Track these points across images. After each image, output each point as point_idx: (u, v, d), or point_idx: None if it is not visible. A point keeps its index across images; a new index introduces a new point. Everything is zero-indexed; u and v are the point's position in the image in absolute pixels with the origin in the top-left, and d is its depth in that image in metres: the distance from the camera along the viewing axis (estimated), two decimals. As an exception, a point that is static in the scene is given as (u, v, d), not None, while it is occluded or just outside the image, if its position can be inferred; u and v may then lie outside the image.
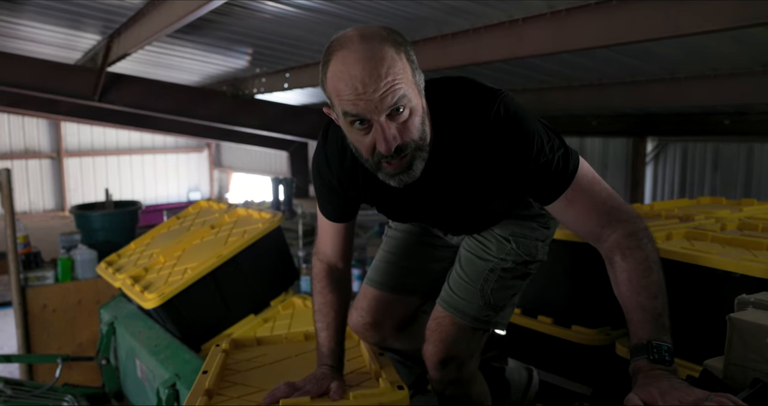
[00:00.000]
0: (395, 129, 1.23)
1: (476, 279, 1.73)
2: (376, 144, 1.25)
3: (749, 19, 3.13)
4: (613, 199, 1.38)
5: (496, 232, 1.73)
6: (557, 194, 1.37)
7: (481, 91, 1.37)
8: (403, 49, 1.24)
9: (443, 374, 1.78)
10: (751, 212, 2.83)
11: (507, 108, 1.33)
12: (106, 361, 3.33)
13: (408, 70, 1.24)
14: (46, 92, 7.54)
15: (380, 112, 1.21)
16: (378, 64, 1.19)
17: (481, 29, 4.52)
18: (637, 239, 1.33)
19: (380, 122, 1.22)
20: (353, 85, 1.20)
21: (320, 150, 1.53)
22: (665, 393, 1.13)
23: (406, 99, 1.22)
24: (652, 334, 1.23)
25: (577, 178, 1.36)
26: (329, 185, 1.55)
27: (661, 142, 7.90)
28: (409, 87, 1.23)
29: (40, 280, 5.23)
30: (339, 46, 1.23)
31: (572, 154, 1.38)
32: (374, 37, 1.22)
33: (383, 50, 1.20)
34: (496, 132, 1.33)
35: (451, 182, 1.45)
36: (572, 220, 1.40)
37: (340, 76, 1.21)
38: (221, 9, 4.68)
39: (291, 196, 8.55)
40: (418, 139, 1.27)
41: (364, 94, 1.19)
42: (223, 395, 1.60)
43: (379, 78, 1.19)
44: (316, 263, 1.70)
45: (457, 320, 1.74)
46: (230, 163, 16.70)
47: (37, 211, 14.71)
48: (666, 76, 5.67)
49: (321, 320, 1.64)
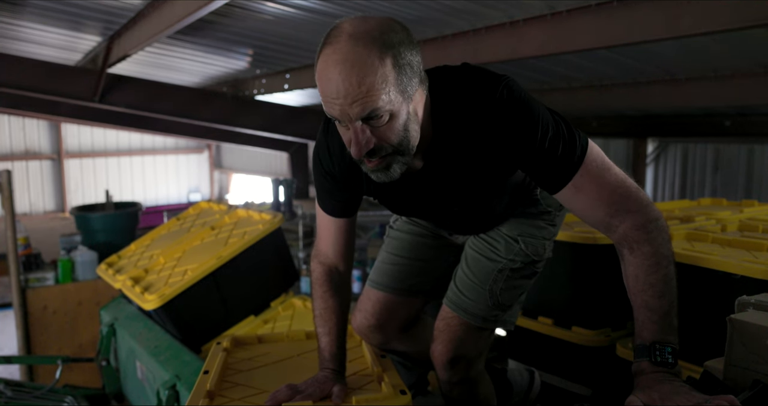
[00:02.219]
0: (369, 132, 1.21)
1: (485, 280, 1.72)
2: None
3: (749, 21, 3.13)
4: (624, 186, 1.32)
5: (503, 232, 1.72)
6: (565, 181, 1.31)
7: (484, 75, 1.33)
8: (391, 52, 1.17)
9: (452, 373, 1.77)
10: (752, 214, 2.83)
11: (511, 91, 1.29)
12: (107, 362, 3.33)
13: (391, 76, 1.18)
14: (46, 94, 7.55)
15: (352, 120, 1.19)
16: (357, 71, 1.15)
17: (482, 30, 4.52)
18: (646, 231, 1.28)
19: (354, 126, 1.20)
20: (330, 88, 1.18)
21: (322, 141, 1.50)
22: (666, 397, 1.12)
23: (380, 110, 1.18)
24: (656, 335, 1.22)
25: (585, 164, 1.30)
26: (331, 176, 1.51)
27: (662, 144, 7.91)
28: (390, 94, 1.18)
29: (40, 281, 5.23)
30: (329, 41, 1.19)
31: (580, 139, 1.32)
32: (363, 37, 1.16)
33: (366, 55, 1.15)
34: (500, 116, 1.29)
35: (455, 172, 1.42)
36: (581, 208, 1.35)
37: (321, 75, 1.19)
38: (221, 10, 4.69)
39: (291, 198, 8.55)
40: (397, 144, 1.24)
41: (337, 99, 1.17)
42: (224, 396, 1.59)
43: (351, 86, 1.15)
44: (316, 266, 1.66)
45: (466, 320, 1.73)
46: (230, 165, 16.71)
47: (37, 212, 14.72)
48: (666, 77, 5.67)
49: (322, 324, 1.61)
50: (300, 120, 9.48)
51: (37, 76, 7.24)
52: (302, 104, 9.80)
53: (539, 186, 1.41)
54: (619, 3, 3.64)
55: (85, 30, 6.22)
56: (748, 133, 6.83)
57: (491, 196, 1.56)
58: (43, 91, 7.43)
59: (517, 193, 1.63)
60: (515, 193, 1.62)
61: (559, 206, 1.74)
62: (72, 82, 7.40)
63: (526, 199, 1.68)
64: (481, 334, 1.77)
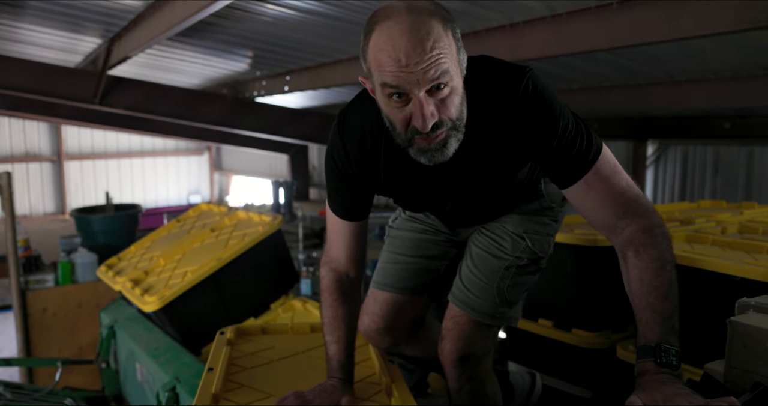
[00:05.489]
0: (434, 105, 1.20)
1: (492, 277, 1.73)
2: (412, 119, 1.22)
3: (749, 23, 3.13)
4: (632, 190, 1.35)
5: (509, 229, 1.73)
6: (577, 177, 1.34)
7: (508, 67, 1.35)
8: (450, 25, 1.21)
9: (461, 371, 1.77)
10: (752, 215, 2.83)
11: (535, 85, 1.31)
12: (106, 364, 3.33)
13: (453, 47, 1.21)
14: (46, 95, 7.56)
15: (421, 87, 1.18)
16: (424, 37, 1.16)
17: (482, 32, 4.52)
18: (652, 235, 1.30)
19: (419, 97, 1.19)
20: (396, 57, 1.16)
21: (336, 142, 1.48)
22: (668, 399, 1.12)
23: (448, 76, 1.19)
24: (660, 336, 1.22)
25: (598, 164, 1.34)
26: (346, 177, 1.49)
27: (662, 146, 7.91)
28: (453, 65, 1.20)
29: (40, 283, 5.24)
30: (384, 16, 1.19)
31: (596, 140, 1.35)
32: (422, 9, 1.19)
33: (430, 24, 1.17)
34: (523, 108, 1.31)
35: (476, 161, 1.42)
36: (589, 207, 1.37)
37: (383, 46, 1.18)
38: (222, 12, 4.69)
39: (291, 199, 8.55)
40: (456, 119, 1.25)
41: (406, 67, 1.16)
42: (229, 400, 1.57)
43: (423, 51, 1.15)
44: (326, 273, 1.62)
45: (475, 318, 1.74)
46: (230, 166, 16.71)
47: (37, 214, 14.71)
48: (666, 79, 5.68)
49: (331, 332, 1.59)
50: (300, 122, 9.48)
51: (38, 78, 7.24)
52: (302, 106, 9.80)
53: (552, 180, 1.43)
54: (619, 5, 3.64)
55: (85, 32, 6.23)
56: (748, 135, 6.84)
57: (504, 187, 1.58)
58: (43, 93, 7.44)
59: (524, 185, 1.64)
60: (522, 185, 1.63)
61: (561, 202, 1.76)
62: (72, 84, 7.41)
63: (531, 191, 1.69)
64: (489, 331, 1.78)
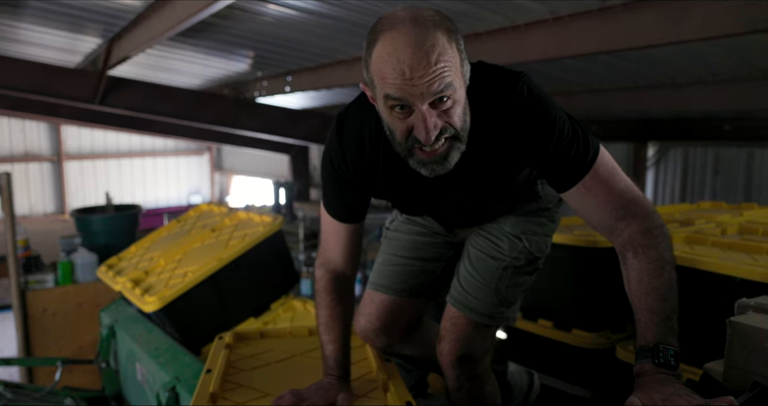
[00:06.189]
0: (437, 117, 1.21)
1: (490, 278, 1.73)
2: (414, 130, 1.22)
3: (749, 26, 3.13)
4: (631, 191, 1.35)
5: (507, 230, 1.74)
6: (575, 180, 1.35)
7: (503, 73, 1.35)
8: (454, 37, 1.21)
9: (460, 372, 1.78)
10: (752, 217, 2.83)
11: (530, 89, 1.31)
12: (106, 364, 3.32)
13: (457, 59, 1.21)
14: (46, 96, 7.55)
15: (424, 99, 1.18)
16: (429, 50, 1.16)
17: (483, 34, 4.52)
18: (651, 236, 1.31)
19: (422, 110, 1.19)
20: (401, 70, 1.16)
21: (335, 145, 1.48)
22: (667, 399, 1.12)
23: (452, 88, 1.19)
24: (659, 337, 1.23)
25: (596, 166, 1.34)
26: (344, 181, 1.50)
27: (662, 147, 7.92)
28: (457, 77, 1.21)
29: (40, 283, 5.23)
30: (389, 26, 1.19)
31: (593, 142, 1.35)
32: (427, 21, 1.18)
33: (435, 36, 1.17)
34: (519, 113, 1.31)
35: (475, 167, 1.43)
36: (588, 209, 1.37)
37: (387, 58, 1.18)
38: (222, 12, 4.69)
39: (292, 200, 8.56)
40: (459, 129, 1.25)
41: (410, 79, 1.16)
42: (227, 399, 1.58)
43: (428, 64, 1.15)
44: (322, 274, 1.63)
45: (473, 318, 1.74)
46: (231, 167, 16.71)
47: (37, 214, 14.71)
48: (667, 81, 5.68)
49: (328, 332, 1.59)
50: (301, 122, 9.48)
51: (38, 78, 7.24)
52: (303, 107, 9.80)
53: (550, 184, 1.43)
54: (620, 8, 3.64)
55: (85, 32, 6.22)
56: (748, 137, 6.85)
57: (502, 190, 1.58)
58: (43, 93, 7.43)
59: (522, 187, 1.64)
60: (520, 187, 1.63)
61: (558, 203, 1.76)
62: (72, 84, 7.40)
63: (528, 193, 1.70)
64: (487, 331, 1.79)
